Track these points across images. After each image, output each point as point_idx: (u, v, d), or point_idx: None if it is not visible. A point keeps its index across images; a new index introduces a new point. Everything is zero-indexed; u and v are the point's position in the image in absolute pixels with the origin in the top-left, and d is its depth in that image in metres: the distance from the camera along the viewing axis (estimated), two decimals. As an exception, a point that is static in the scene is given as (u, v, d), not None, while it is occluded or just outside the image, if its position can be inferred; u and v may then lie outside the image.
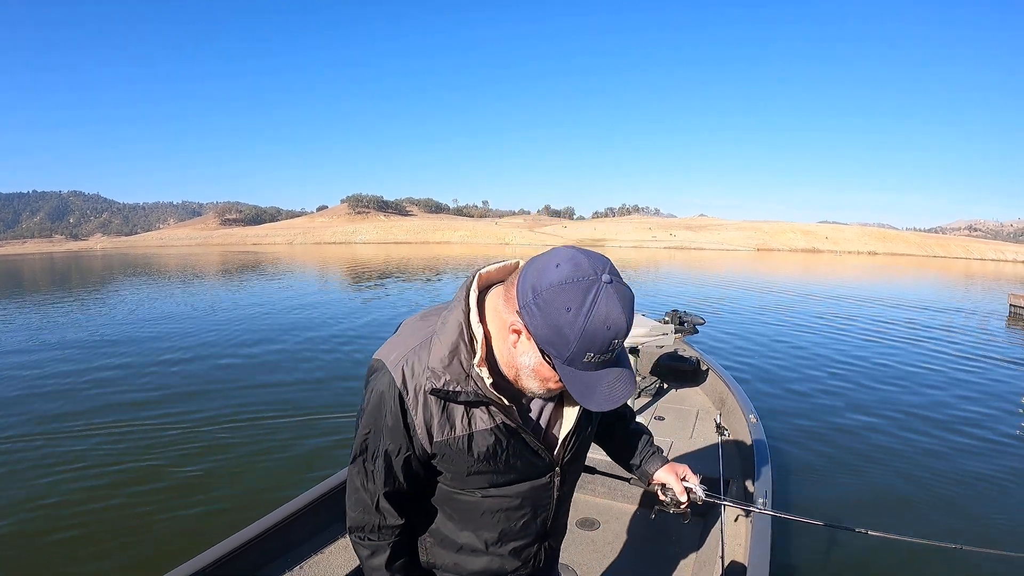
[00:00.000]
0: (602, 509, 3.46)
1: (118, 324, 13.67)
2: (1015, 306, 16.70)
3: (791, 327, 12.90)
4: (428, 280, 26.92)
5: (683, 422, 4.35)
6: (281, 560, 2.43)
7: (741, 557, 2.37)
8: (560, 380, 0.99)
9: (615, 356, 0.96)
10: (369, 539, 1.19)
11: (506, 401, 1.08)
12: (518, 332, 1.00)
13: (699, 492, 1.46)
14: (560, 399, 1.20)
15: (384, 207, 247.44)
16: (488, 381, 1.04)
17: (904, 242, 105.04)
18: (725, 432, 3.88)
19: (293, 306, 16.31)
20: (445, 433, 1.09)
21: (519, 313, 0.97)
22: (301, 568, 2.40)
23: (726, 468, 3.39)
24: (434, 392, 1.05)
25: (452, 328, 1.06)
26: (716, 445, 3.72)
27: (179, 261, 51.17)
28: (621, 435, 1.57)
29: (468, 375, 1.04)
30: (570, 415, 1.18)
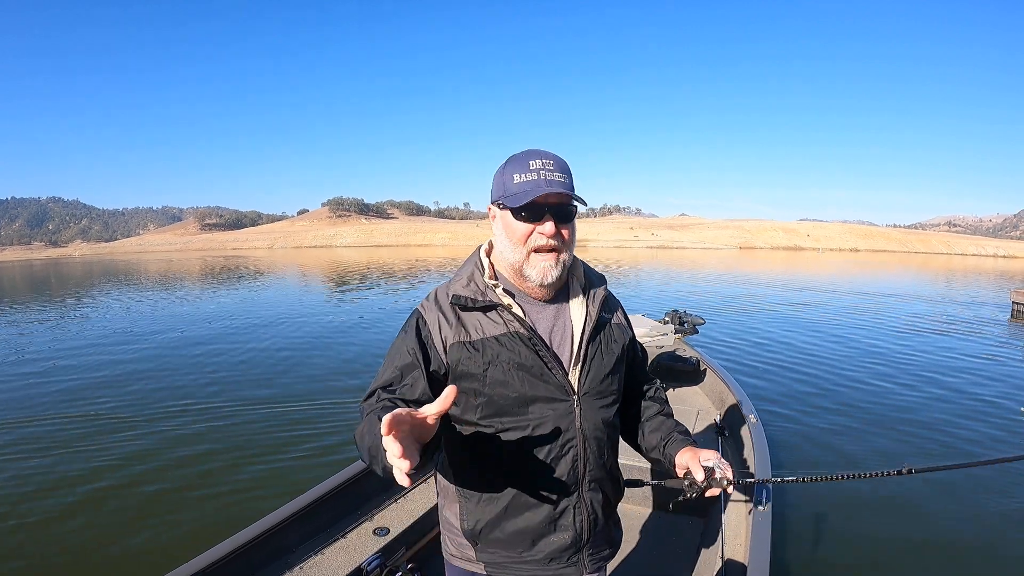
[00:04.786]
0: None
1: (107, 327, 13.29)
2: (1017, 303, 16.35)
3: (790, 326, 12.82)
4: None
5: (683, 422, 4.28)
6: (280, 561, 2.39)
7: (741, 557, 2.36)
8: (515, 217, 1.21)
9: (541, 177, 1.18)
10: (367, 403, 1.19)
11: (515, 306, 1.26)
12: (492, 217, 1.30)
13: (720, 472, 1.29)
14: (567, 324, 1.32)
15: (365, 210, 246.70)
16: (499, 289, 1.27)
17: (885, 239, 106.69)
18: (725, 432, 3.83)
19: (281, 310, 16.14)
20: (460, 336, 1.23)
21: (489, 209, 1.32)
22: (301, 569, 2.35)
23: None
24: (454, 301, 1.25)
25: (468, 264, 1.34)
26: (716, 445, 3.67)
27: (160, 267, 50.49)
28: (648, 412, 1.58)
29: (483, 292, 1.26)
30: (578, 337, 1.30)
